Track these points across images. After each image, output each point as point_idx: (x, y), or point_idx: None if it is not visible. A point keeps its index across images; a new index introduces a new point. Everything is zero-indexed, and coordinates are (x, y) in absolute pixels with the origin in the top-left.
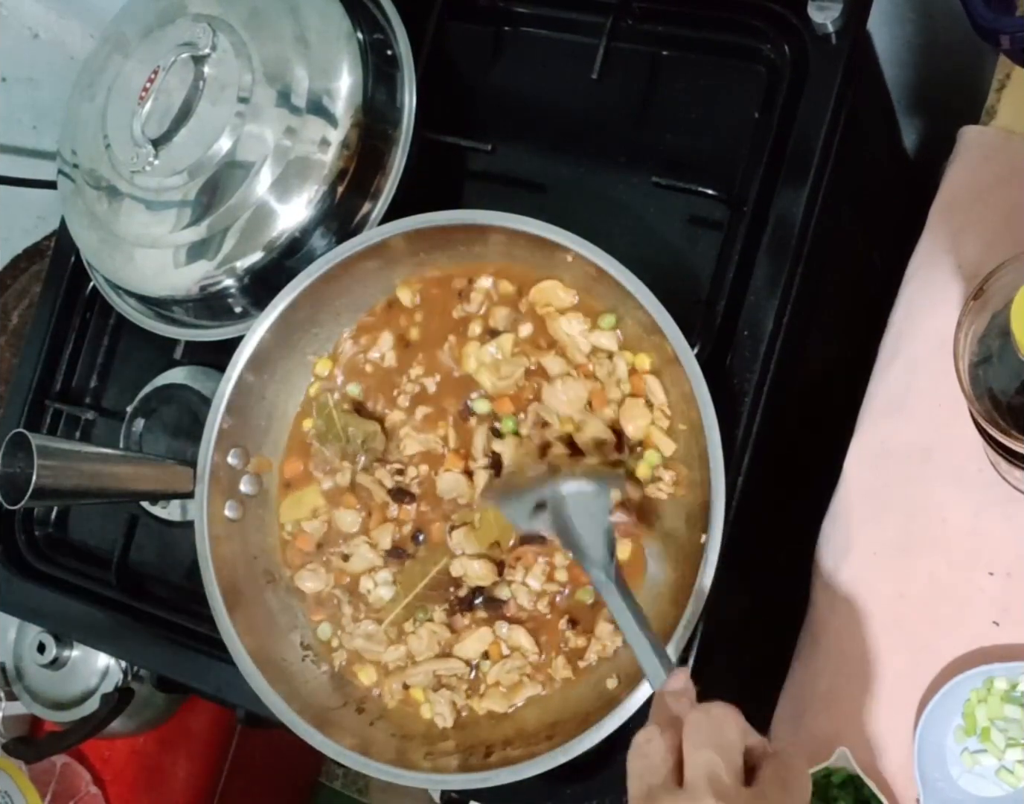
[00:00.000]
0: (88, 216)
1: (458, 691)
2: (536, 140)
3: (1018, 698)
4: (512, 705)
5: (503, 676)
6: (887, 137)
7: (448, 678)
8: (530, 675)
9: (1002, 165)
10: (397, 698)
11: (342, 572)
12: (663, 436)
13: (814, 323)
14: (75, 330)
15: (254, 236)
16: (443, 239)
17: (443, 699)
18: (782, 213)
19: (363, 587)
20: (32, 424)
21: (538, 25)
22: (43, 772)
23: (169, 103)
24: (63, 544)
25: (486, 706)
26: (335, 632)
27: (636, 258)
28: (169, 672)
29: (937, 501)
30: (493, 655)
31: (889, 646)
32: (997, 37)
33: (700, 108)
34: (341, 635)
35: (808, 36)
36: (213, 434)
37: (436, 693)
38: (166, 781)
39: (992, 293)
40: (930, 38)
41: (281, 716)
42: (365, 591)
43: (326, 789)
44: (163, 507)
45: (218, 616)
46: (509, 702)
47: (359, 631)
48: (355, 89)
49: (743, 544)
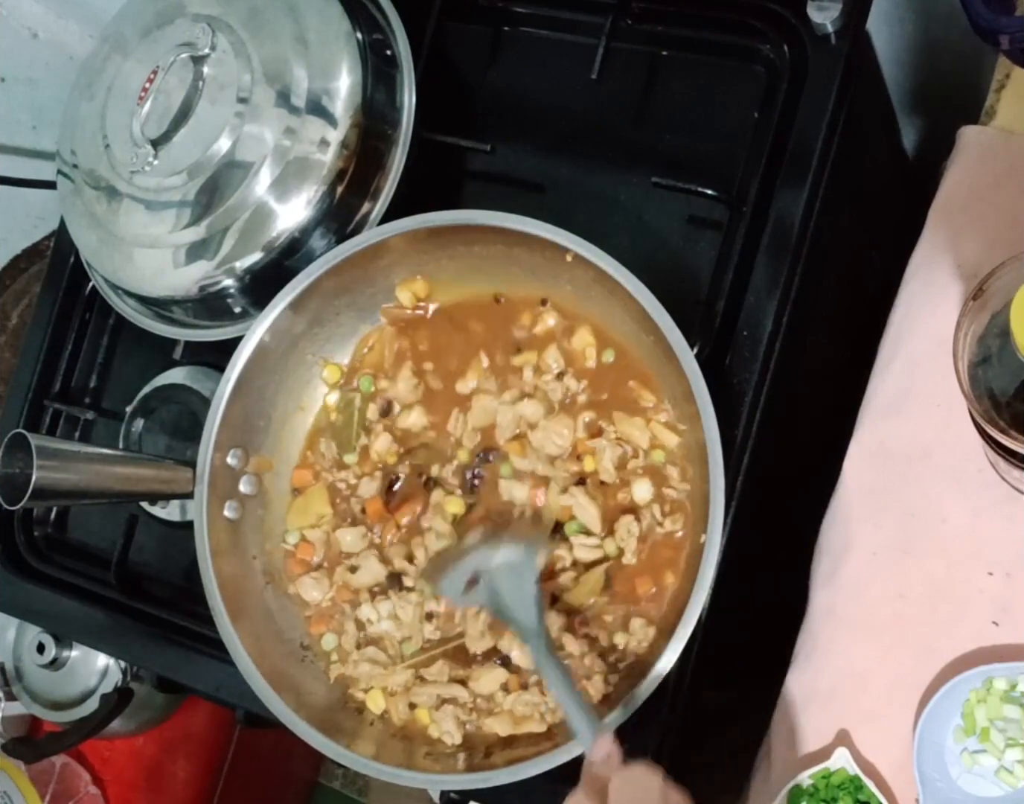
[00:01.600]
0: (87, 216)
1: (464, 709)
2: (535, 140)
3: (1017, 698)
4: (517, 731)
5: (517, 707)
6: (886, 137)
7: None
8: (542, 715)
9: (1001, 165)
10: (403, 718)
11: (346, 586)
12: (664, 430)
13: (813, 323)
14: (74, 330)
15: (253, 236)
16: (443, 239)
17: (448, 717)
18: (781, 213)
19: (364, 615)
20: (31, 424)
21: (537, 25)
22: (42, 772)
23: (168, 103)
24: (62, 544)
25: (492, 726)
26: (337, 647)
27: (635, 258)
28: (168, 672)
29: (936, 501)
30: (512, 687)
31: (888, 646)
32: (996, 37)
33: (699, 108)
34: (343, 655)
35: (807, 36)
36: (212, 434)
37: (439, 711)
38: (165, 781)
39: (992, 293)
40: (930, 38)
41: (280, 716)
42: (365, 620)
43: (325, 789)
44: (162, 507)
45: (217, 616)
46: (516, 728)
47: (364, 656)
48: (354, 89)
49: (743, 544)
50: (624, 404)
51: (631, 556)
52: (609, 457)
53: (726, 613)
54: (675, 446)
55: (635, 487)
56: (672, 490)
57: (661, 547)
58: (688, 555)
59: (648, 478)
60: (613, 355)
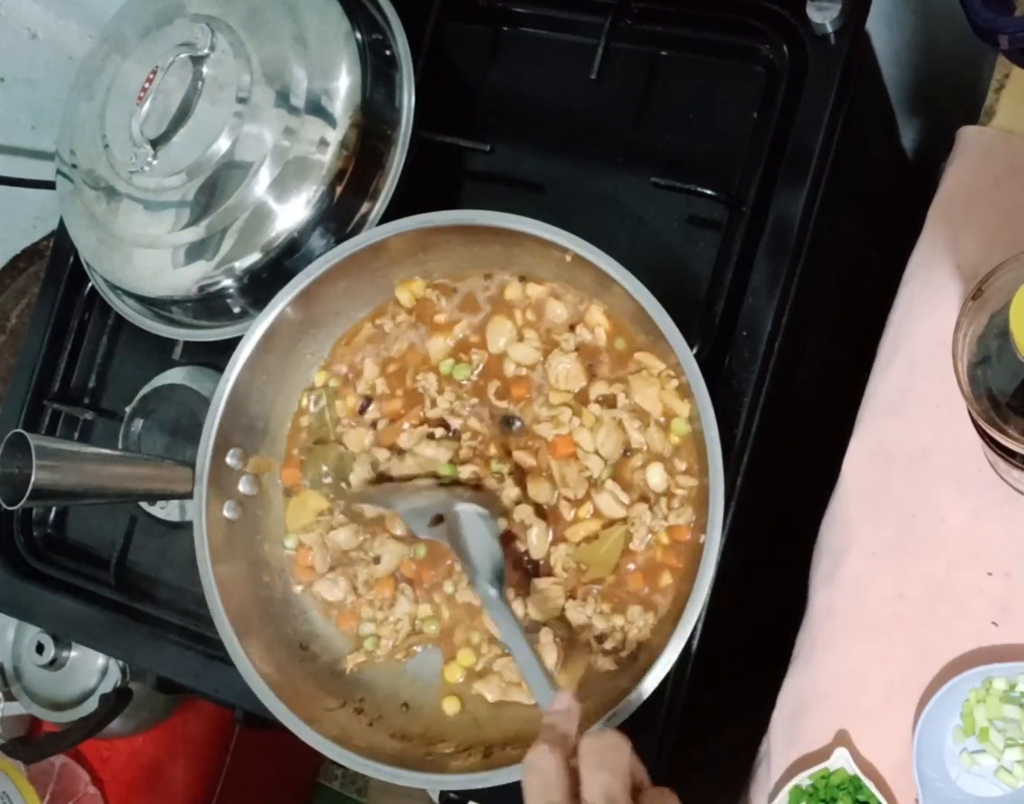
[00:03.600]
0: (87, 216)
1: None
2: (535, 140)
3: (1017, 698)
4: (506, 698)
5: (506, 672)
6: (886, 137)
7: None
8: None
9: (1001, 165)
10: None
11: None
12: (677, 399)
13: (813, 323)
14: (74, 330)
15: (253, 236)
16: (442, 239)
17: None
18: (781, 213)
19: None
20: (31, 424)
21: (537, 25)
22: (42, 773)
23: (167, 103)
24: (62, 544)
25: (481, 689)
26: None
27: (635, 258)
28: (168, 672)
29: (936, 501)
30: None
31: (888, 646)
32: (996, 37)
33: (699, 108)
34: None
35: (807, 36)
36: (212, 434)
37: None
38: (165, 781)
39: (991, 293)
40: (929, 38)
41: (279, 716)
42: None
43: (325, 789)
44: (162, 507)
45: (216, 617)
46: (504, 696)
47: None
48: (354, 89)
49: (743, 544)
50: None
51: (639, 542)
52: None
53: (726, 613)
54: (687, 417)
55: (649, 471)
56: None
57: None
58: (688, 555)
59: (660, 463)
60: (624, 343)
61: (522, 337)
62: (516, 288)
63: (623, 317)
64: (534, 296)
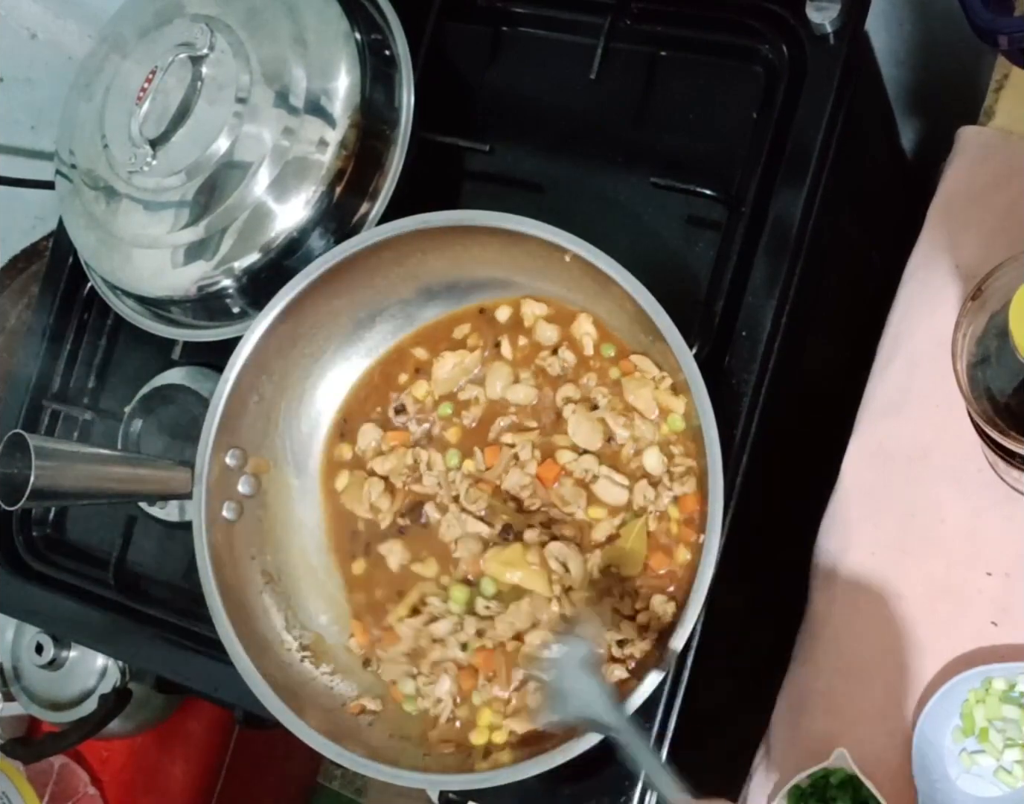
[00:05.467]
0: (86, 216)
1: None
2: (534, 140)
3: (1016, 698)
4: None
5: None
6: (885, 137)
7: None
8: None
9: (1000, 165)
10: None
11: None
12: (671, 396)
13: (812, 323)
14: (73, 330)
15: (252, 236)
16: (441, 239)
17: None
18: (780, 213)
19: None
20: (30, 424)
21: (536, 25)
22: (41, 773)
23: (167, 103)
24: (61, 545)
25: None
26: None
27: (634, 258)
28: (167, 672)
29: (935, 501)
30: None
31: (887, 646)
32: (995, 37)
33: (698, 108)
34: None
35: (806, 36)
36: (211, 435)
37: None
38: (164, 781)
39: (990, 293)
40: (928, 38)
41: (279, 716)
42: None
43: (324, 789)
44: (161, 508)
45: (216, 616)
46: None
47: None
48: (353, 89)
49: (742, 544)
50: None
51: (655, 523)
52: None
53: (726, 612)
54: (682, 414)
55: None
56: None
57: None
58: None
59: (655, 447)
60: (613, 350)
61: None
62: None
63: (612, 326)
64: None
